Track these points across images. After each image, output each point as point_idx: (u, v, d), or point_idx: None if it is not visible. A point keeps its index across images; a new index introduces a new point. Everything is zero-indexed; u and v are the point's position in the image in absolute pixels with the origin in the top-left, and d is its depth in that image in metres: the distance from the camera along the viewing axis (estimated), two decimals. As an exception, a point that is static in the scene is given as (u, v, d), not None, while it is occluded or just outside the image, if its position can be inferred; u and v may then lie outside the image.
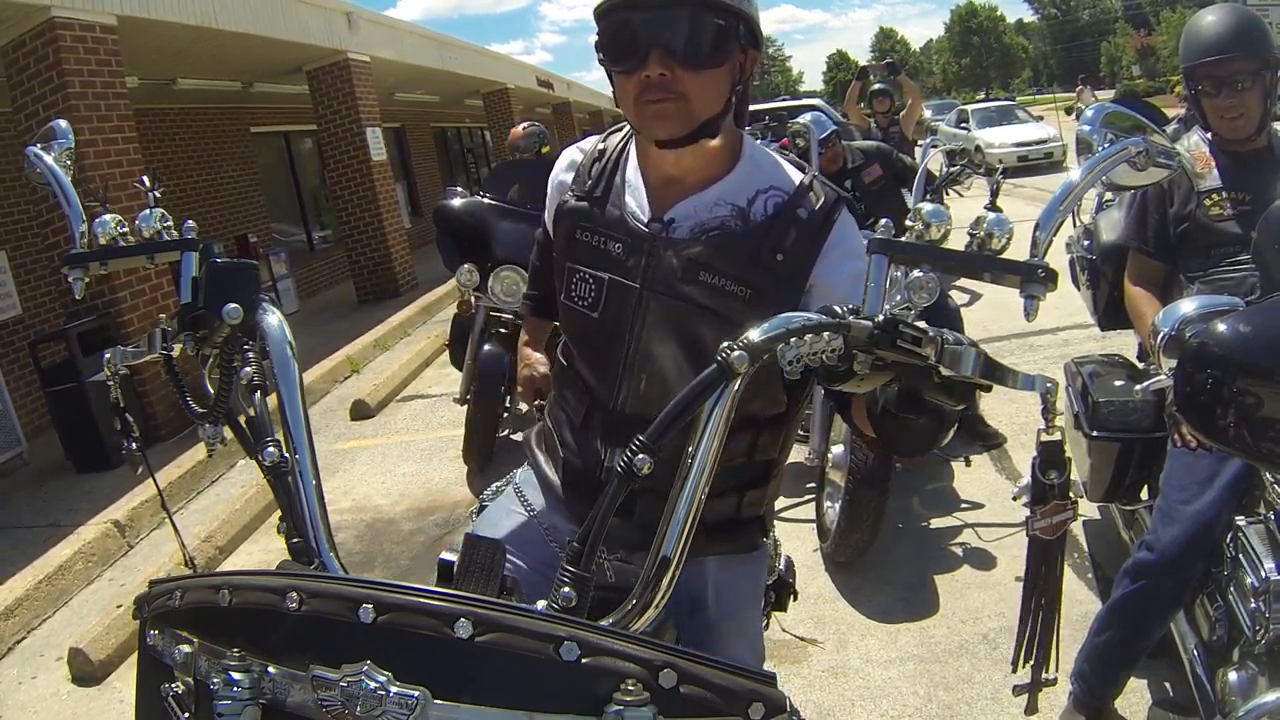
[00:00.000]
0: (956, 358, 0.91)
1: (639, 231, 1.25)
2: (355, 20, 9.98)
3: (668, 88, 1.15)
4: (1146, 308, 2.27)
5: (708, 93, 1.17)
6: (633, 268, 1.24)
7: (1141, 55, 65.15)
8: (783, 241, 1.21)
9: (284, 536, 1.10)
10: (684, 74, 1.15)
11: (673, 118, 1.17)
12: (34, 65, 5.74)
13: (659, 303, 1.23)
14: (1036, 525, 1.00)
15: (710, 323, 1.20)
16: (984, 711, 2.44)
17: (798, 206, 1.23)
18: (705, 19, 1.14)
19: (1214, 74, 2.13)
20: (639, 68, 1.16)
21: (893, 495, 3.11)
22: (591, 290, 1.27)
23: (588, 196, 1.31)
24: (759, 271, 1.20)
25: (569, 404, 1.39)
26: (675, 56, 1.14)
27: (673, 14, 1.14)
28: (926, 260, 1.12)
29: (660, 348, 1.24)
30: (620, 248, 1.25)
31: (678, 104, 1.16)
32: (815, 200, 1.24)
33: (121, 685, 3.22)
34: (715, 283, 1.20)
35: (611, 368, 1.29)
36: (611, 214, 1.27)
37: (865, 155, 4.40)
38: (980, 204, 1.12)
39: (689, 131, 1.18)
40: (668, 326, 1.23)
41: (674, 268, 1.22)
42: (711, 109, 1.18)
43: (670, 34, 1.13)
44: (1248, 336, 0.75)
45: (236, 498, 4.68)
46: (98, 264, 1.35)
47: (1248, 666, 1.76)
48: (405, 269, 10.55)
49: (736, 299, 1.20)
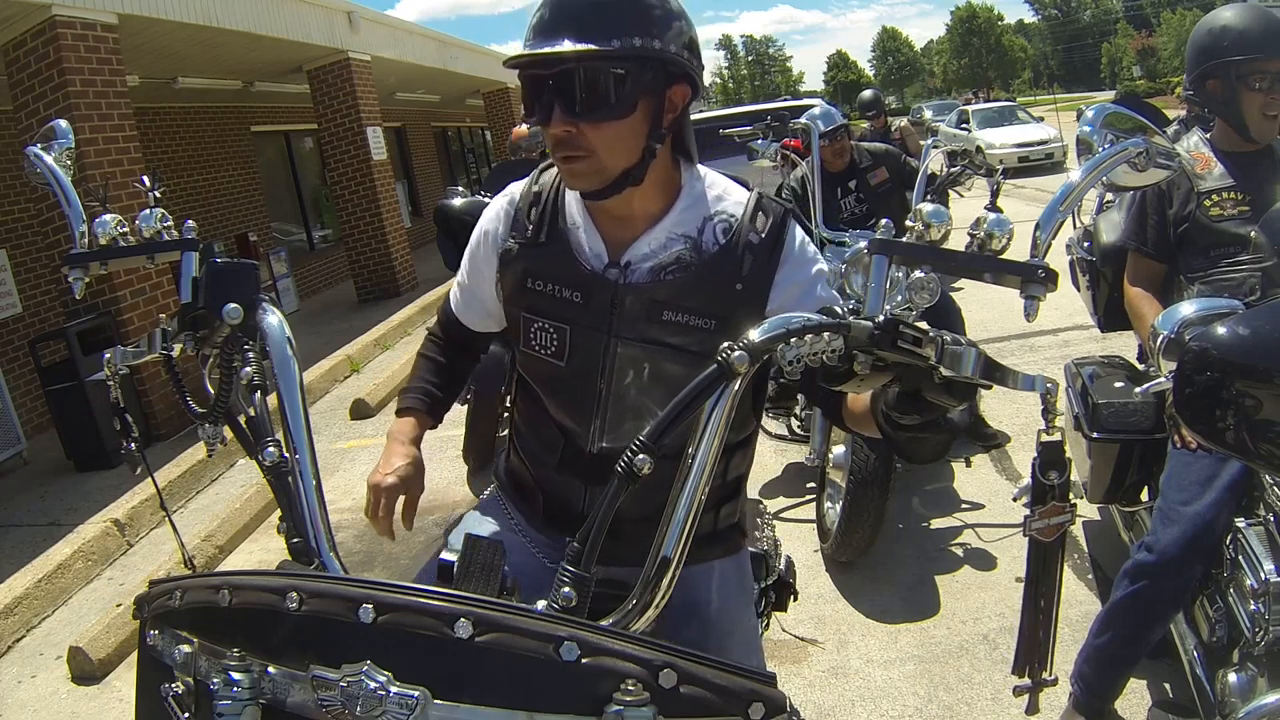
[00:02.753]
0: (956, 358, 0.91)
1: (598, 279, 1.22)
2: (356, 20, 9.98)
3: (574, 144, 1.13)
4: (1146, 308, 2.27)
5: (617, 145, 1.14)
6: (596, 315, 1.22)
7: (1142, 56, 65.16)
8: (740, 269, 1.20)
9: (284, 536, 1.10)
10: (588, 129, 1.13)
11: (584, 175, 1.16)
12: (35, 64, 5.74)
13: (627, 347, 1.22)
14: (1035, 526, 1.00)
15: (679, 359, 1.20)
16: (984, 712, 2.44)
17: (748, 230, 1.22)
18: (603, 71, 1.11)
19: (1270, 69, 2.11)
20: (546, 124, 1.14)
21: (893, 496, 3.11)
22: (554, 340, 1.24)
23: (532, 244, 1.27)
24: (721, 302, 1.20)
25: (543, 444, 1.37)
26: (575, 113, 1.12)
27: (570, 70, 1.11)
28: (926, 260, 1.12)
29: (633, 388, 1.23)
30: (579, 295, 1.23)
31: (587, 160, 1.14)
32: (764, 220, 1.23)
33: (121, 684, 3.22)
34: (680, 320, 1.20)
35: (584, 411, 1.27)
36: (563, 260, 1.24)
37: (873, 157, 4.39)
38: (981, 204, 1.13)
39: (604, 186, 1.16)
40: (638, 368, 1.22)
41: (638, 312, 1.21)
42: (625, 161, 1.16)
43: (568, 91, 1.11)
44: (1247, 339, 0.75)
45: (236, 497, 4.68)
46: (98, 264, 1.35)
47: (1247, 668, 1.77)
48: (406, 268, 10.56)
49: (703, 331, 1.19)
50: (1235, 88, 2.15)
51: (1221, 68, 2.16)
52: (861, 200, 4.29)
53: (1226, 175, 2.21)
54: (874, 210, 4.23)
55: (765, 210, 1.24)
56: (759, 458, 4.26)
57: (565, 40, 1.09)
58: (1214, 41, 2.17)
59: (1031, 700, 1.11)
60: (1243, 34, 2.12)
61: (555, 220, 1.27)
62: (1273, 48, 2.09)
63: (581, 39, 1.09)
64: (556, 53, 1.09)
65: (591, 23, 1.10)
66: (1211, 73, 2.18)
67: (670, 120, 1.19)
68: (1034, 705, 1.12)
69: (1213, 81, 2.20)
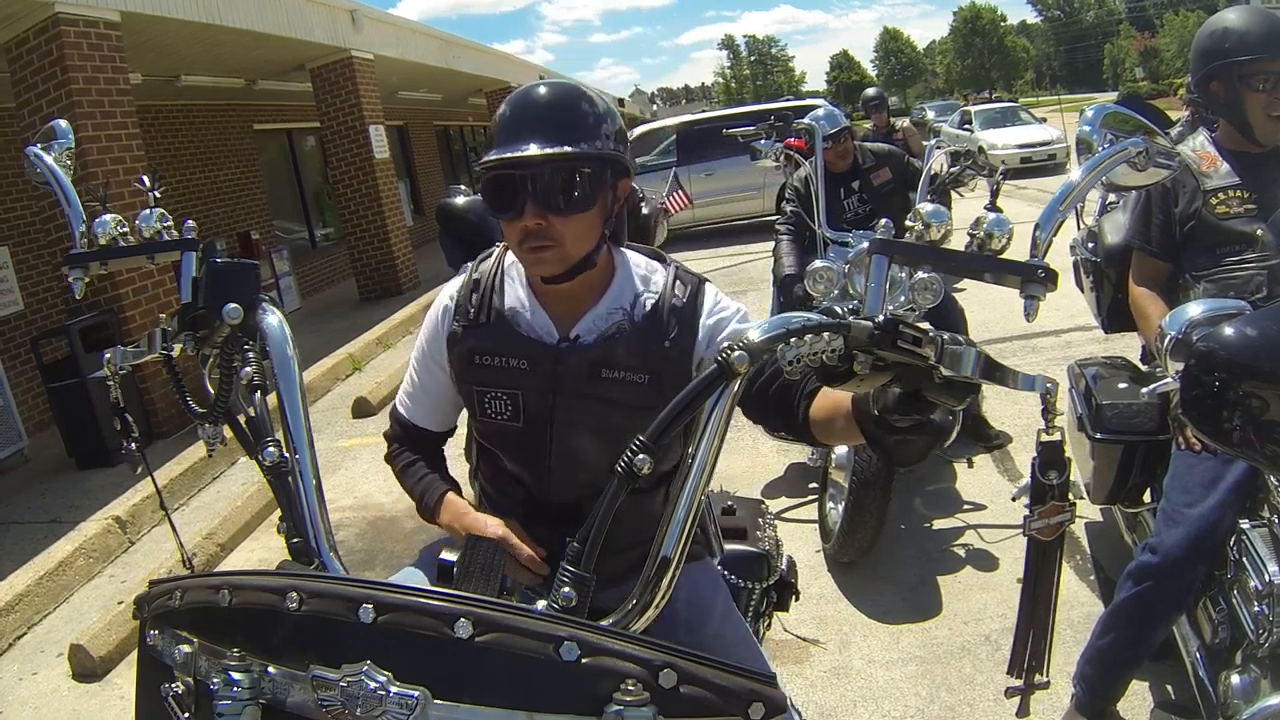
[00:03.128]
0: (956, 358, 0.91)
1: (549, 348, 1.34)
2: (359, 18, 9.98)
3: (543, 235, 1.25)
4: (1151, 308, 2.26)
5: (581, 234, 1.28)
6: (542, 378, 1.33)
7: (1144, 57, 65.07)
8: (668, 331, 1.33)
9: (284, 536, 1.10)
10: (557, 221, 1.25)
11: (550, 261, 1.28)
12: (37, 61, 5.75)
13: (572, 404, 1.33)
14: (1034, 526, 1.00)
15: (619, 411, 1.30)
16: (986, 713, 2.43)
17: (671, 298, 1.36)
18: (573, 171, 1.24)
19: (1273, 70, 2.10)
20: (518, 218, 1.25)
21: (895, 496, 3.11)
22: (508, 405, 1.35)
23: (475, 324, 1.38)
24: (653, 359, 1.32)
25: (507, 497, 1.45)
26: (548, 207, 1.23)
27: (543, 169, 1.23)
28: (926, 260, 1.12)
29: (580, 441, 1.33)
30: (526, 363, 1.34)
31: (555, 249, 1.26)
32: (683, 289, 1.37)
33: (122, 682, 3.22)
34: (618, 376, 1.31)
35: (539, 465, 1.37)
36: (509, 336, 1.36)
37: (876, 158, 4.39)
38: (982, 204, 1.12)
39: (566, 270, 1.29)
40: (584, 422, 1.33)
41: (581, 372, 1.32)
42: (586, 247, 1.29)
43: (542, 187, 1.23)
44: (1255, 340, 0.74)
45: (237, 495, 4.68)
46: (98, 263, 1.35)
47: (1250, 669, 1.76)
48: (407, 267, 10.56)
49: (638, 386, 1.31)
50: (1238, 89, 2.15)
51: (1224, 69, 2.15)
52: (864, 200, 4.28)
53: (1232, 174, 2.21)
54: (877, 210, 4.22)
55: (683, 280, 1.39)
56: (761, 458, 4.29)
57: (533, 143, 1.22)
58: (1216, 43, 2.17)
59: (1023, 703, 1.11)
60: (1245, 35, 2.12)
61: (494, 302, 1.38)
62: (1275, 48, 2.09)
63: (550, 142, 1.22)
64: (543, 155, 1.22)
65: (556, 127, 1.23)
66: (1214, 74, 2.18)
67: (616, 209, 1.34)
68: (1025, 708, 1.12)
69: (1216, 83, 2.19)
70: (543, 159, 1.22)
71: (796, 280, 3.71)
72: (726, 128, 8.51)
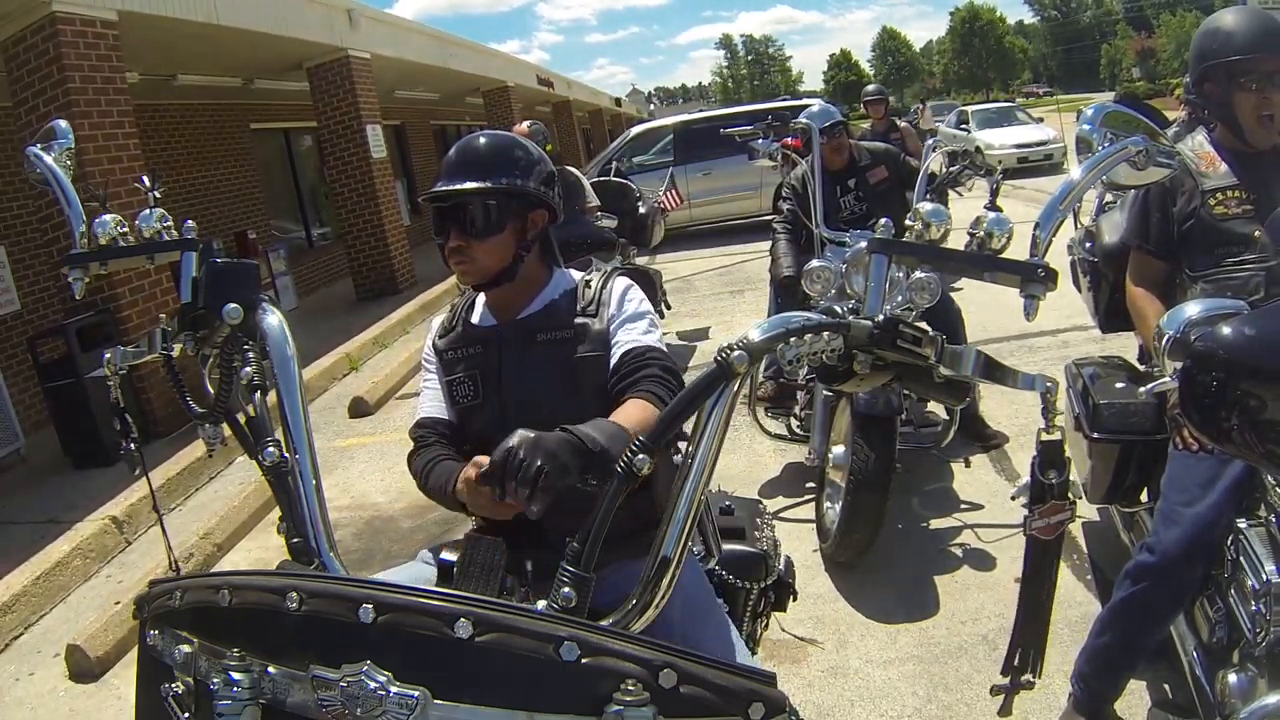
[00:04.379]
0: (956, 357, 0.91)
1: (494, 329, 1.64)
2: (356, 17, 9.97)
3: (462, 253, 1.56)
4: (1148, 308, 2.27)
5: (493, 253, 1.57)
6: (493, 354, 1.60)
7: (1141, 58, 65.15)
8: (584, 300, 1.63)
9: (284, 536, 1.10)
10: (473, 243, 1.56)
11: (470, 273, 1.59)
12: (34, 60, 5.73)
13: (517, 367, 1.58)
14: (1034, 525, 1.00)
15: (555, 360, 1.56)
16: (983, 713, 2.43)
17: (587, 285, 1.66)
18: (484, 204, 1.55)
19: (1262, 69, 2.11)
20: (446, 240, 1.57)
21: (893, 496, 3.11)
22: (470, 388, 1.60)
23: (449, 330, 1.69)
24: (574, 317, 1.60)
25: None
26: (466, 232, 1.55)
27: (462, 201, 1.55)
28: (926, 260, 1.12)
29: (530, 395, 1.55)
30: (479, 349, 1.62)
31: (472, 264, 1.57)
32: (598, 278, 1.67)
33: (119, 682, 3.22)
34: (550, 336, 1.58)
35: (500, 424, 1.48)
36: (467, 331, 1.66)
37: (873, 156, 4.39)
38: (980, 204, 1.12)
39: (484, 281, 1.60)
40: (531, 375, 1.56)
41: (520, 338, 1.60)
42: (500, 263, 1.58)
43: (464, 216, 1.55)
44: (1253, 339, 0.74)
45: (236, 494, 4.67)
46: (97, 263, 1.35)
47: (1248, 669, 1.76)
48: (405, 266, 10.55)
49: (568, 340, 1.58)
50: (1229, 89, 2.15)
51: (1216, 69, 2.16)
52: (861, 199, 4.28)
53: (1231, 174, 2.21)
54: (874, 209, 4.22)
55: (601, 275, 1.69)
56: (759, 457, 4.29)
57: (465, 181, 1.55)
58: (1210, 43, 2.18)
59: (1006, 701, 1.11)
60: (1234, 34, 2.12)
61: (463, 315, 1.70)
62: (1265, 46, 2.09)
63: (472, 179, 1.54)
64: (450, 190, 1.55)
65: (481, 167, 1.56)
66: (1208, 75, 2.18)
67: (532, 235, 1.62)
68: (1007, 707, 1.12)
69: (1209, 84, 2.20)
70: (459, 193, 1.54)
71: (794, 281, 3.71)
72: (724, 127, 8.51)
